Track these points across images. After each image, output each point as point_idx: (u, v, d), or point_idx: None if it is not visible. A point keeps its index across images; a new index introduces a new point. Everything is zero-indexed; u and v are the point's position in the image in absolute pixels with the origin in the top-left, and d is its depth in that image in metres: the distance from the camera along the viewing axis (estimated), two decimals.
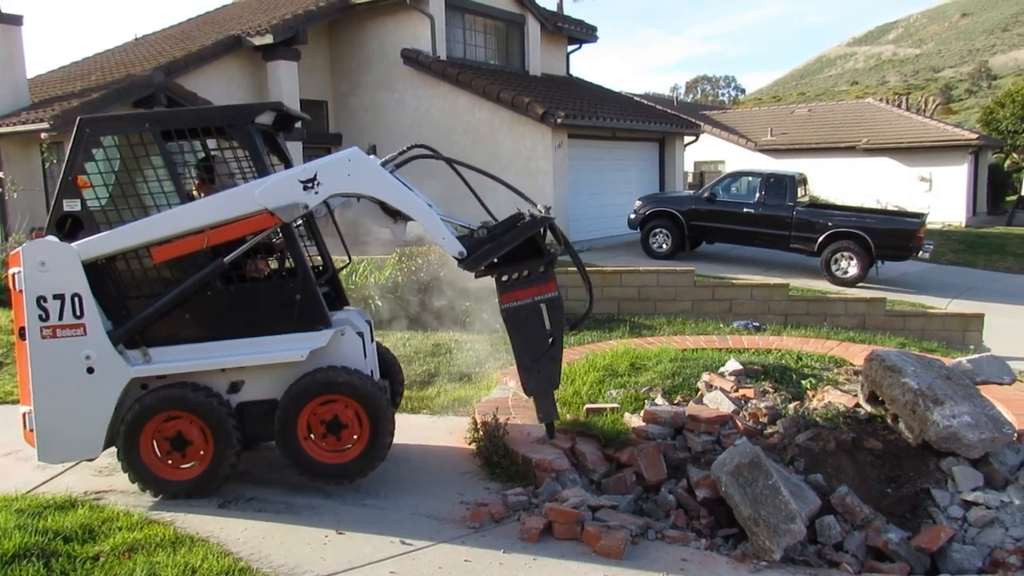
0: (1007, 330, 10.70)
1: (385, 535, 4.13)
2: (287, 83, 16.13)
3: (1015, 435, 5.04)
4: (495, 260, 4.84)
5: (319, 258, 5.42)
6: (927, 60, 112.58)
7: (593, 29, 21.96)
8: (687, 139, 21.40)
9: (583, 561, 3.91)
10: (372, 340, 5.32)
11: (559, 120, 15.41)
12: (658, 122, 19.57)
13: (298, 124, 5.53)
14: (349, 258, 5.82)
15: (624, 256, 15.12)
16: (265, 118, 4.83)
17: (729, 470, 4.44)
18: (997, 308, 11.99)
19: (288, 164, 5.29)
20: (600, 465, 4.99)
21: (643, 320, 9.67)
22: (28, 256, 4.41)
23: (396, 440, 5.55)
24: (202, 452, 4.56)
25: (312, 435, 4.59)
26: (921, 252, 13.40)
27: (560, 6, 26.34)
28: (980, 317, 10.36)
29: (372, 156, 4.83)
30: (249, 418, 4.63)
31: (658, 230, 15.40)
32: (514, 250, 4.81)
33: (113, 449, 5.27)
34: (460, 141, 16.63)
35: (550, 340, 4.87)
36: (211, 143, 4.99)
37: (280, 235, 4.69)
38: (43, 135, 12.94)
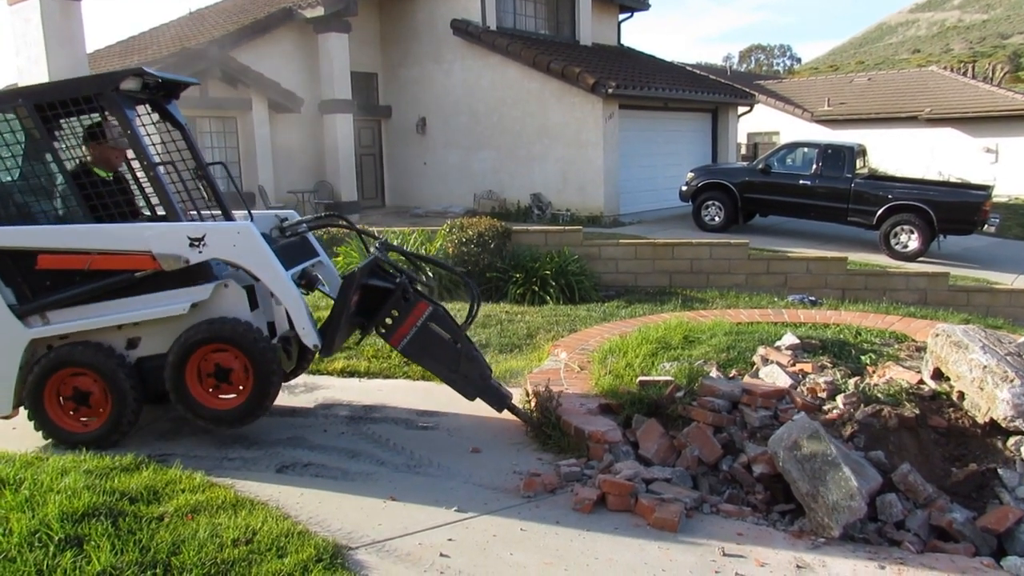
0: None
1: (440, 503, 4.16)
2: (338, 55, 16.19)
3: None
4: (364, 323, 5.09)
5: (222, 217, 5.62)
6: (995, 26, 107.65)
7: None
8: (741, 109, 20.91)
9: (637, 533, 3.89)
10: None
11: (610, 90, 15.17)
12: (711, 92, 19.14)
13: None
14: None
15: (676, 229, 14.91)
16: (132, 84, 4.89)
17: (787, 445, 4.35)
18: None
19: (182, 129, 5.46)
20: (656, 439, 4.94)
21: (695, 293, 9.54)
22: None
23: (448, 410, 5.63)
24: (101, 409, 4.84)
25: (202, 383, 4.78)
26: (986, 226, 12.92)
27: None
28: None
29: (265, 232, 5.03)
30: (149, 372, 4.85)
31: (711, 202, 15.13)
32: (369, 301, 4.99)
33: (178, 419, 5.41)
34: (510, 112, 16.49)
35: (456, 345, 4.99)
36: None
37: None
38: None
